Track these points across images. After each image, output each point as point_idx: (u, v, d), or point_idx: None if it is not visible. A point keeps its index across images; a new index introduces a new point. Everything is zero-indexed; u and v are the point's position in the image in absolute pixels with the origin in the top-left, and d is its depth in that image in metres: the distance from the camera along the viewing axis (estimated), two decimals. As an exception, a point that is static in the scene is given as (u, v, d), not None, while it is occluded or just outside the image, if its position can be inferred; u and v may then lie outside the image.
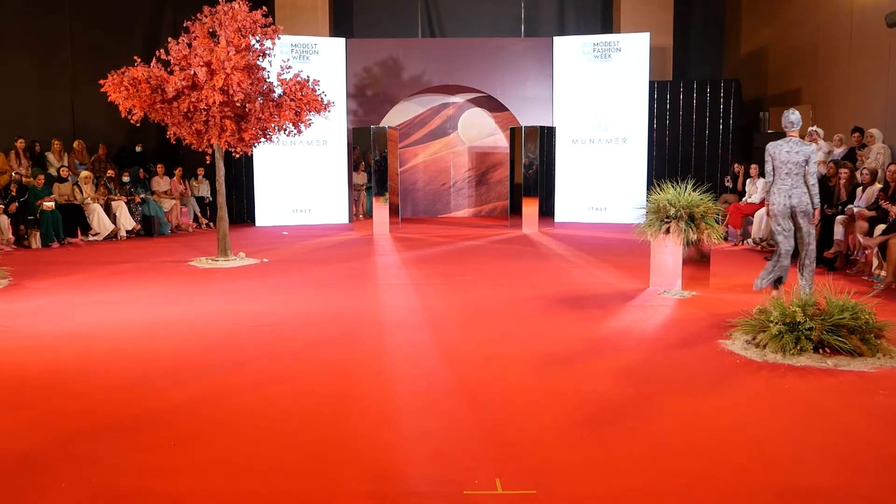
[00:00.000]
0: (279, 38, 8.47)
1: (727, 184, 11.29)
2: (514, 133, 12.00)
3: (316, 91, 8.57)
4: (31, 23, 12.25)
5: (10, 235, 9.66)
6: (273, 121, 8.32)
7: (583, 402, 3.78)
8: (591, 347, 4.86)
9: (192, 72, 7.79)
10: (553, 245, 9.94)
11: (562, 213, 12.65)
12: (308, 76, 8.65)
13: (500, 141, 13.80)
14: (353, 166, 12.78)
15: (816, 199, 5.78)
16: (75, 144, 11.83)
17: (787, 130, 5.90)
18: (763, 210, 9.42)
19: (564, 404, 3.75)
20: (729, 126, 12.80)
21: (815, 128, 10.10)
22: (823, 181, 8.78)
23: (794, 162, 5.75)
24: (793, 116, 5.88)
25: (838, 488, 2.80)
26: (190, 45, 7.96)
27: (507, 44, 13.12)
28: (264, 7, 8.50)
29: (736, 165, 10.95)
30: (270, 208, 12.53)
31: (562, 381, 4.15)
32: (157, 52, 8.00)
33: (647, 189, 9.32)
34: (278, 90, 8.53)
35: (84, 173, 10.83)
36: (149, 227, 11.18)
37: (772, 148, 5.88)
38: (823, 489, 2.80)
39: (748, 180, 10.30)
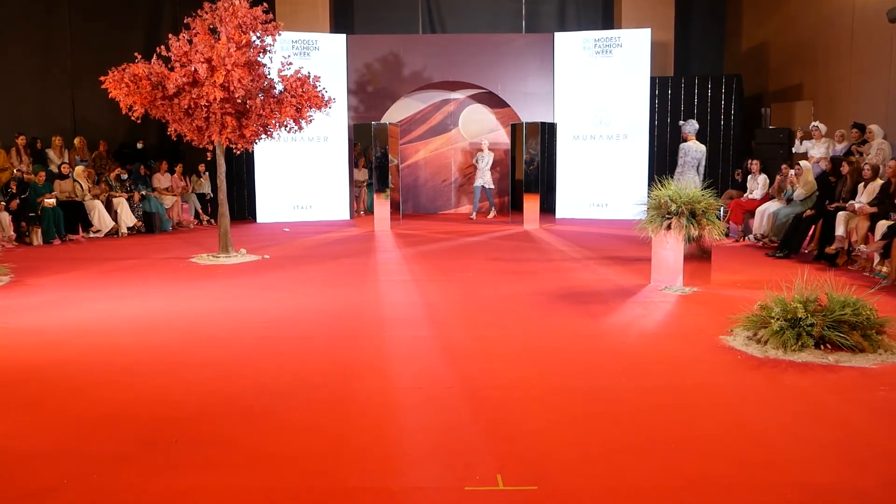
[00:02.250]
0: (280, 35, 8.46)
1: (737, 177, 11.24)
2: (515, 129, 11.98)
3: (317, 87, 8.56)
4: (30, 19, 12.25)
5: (12, 232, 9.68)
6: (274, 117, 8.31)
7: (584, 398, 3.79)
8: (592, 343, 4.86)
9: (193, 68, 7.78)
10: (554, 241, 9.94)
11: (563, 209, 12.64)
12: (309, 72, 8.64)
13: (501, 137, 13.78)
14: (353, 163, 12.77)
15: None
16: (76, 141, 11.83)
17: (689, 136, 7.89)
18: (765, 206, 9.42)
19: (565, 400, 3.75)
20: (730, 122, 12.77)
21: (816, 123, 10.07)
22: (824, 177, 8.77)
23: (697, 158, 7.78)
24: (696, 125, 7.98)
25: (839, 484, 2.80)
26: (190, 42, 7.95)
27: (507, 40, 13.10)
28: (265, 3, 8.49)
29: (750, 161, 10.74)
30: (271, 205, 12.52)
31: (563, 376, 4.15)
32: (157, 48, 7.99)
33: (649, 185, 9.30)
34: (279, 86, 8.52)
35: (78, 168, 10.78)
36: (150, 223, 11.17)
37: (686, 147, 7.82)
38: (824, 485, 2.80)
39: (749, 176, 10.27)
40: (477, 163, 12.90)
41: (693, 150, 7.76)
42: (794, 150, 10.53)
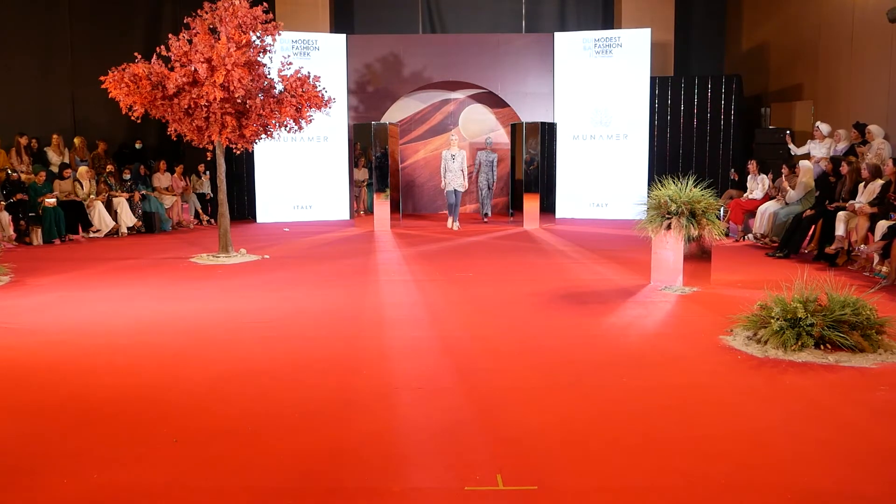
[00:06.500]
0: (280, 35, 8.46)
1: (733, 177, 11.22)
2: (515, 129, 11.99)
3: (317, 87, 8.56)
4: (31, 19, 12.25)
5: (12, 232, 9.67)
6: (274, 117, 8.32)
7: (584, 398, 3.79)
8: (592, 343, 4.86)
9: (193, 68, 7.78)
10: (554, 241, 9.94)
11: (563, 209, 12.64)
12: (309, 72, 8.64)
13: (501, 137, 13.78)
14: (353, 162, 12.78)
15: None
16: (76, 141, 11.83)
17: (489, 147, 12.36)
18: (765, 206, 9.42)
19: (566, 399, 3.75)
20: (730, 122, 12.78)
21: (819, 123, 10.07)
22: (824, 177, 8.77)
23: (490, 161, 12.16)
24: (492, 140, 12.32)
25: (839, 484, 2.80)
26: (190, 42, 7.95)
27: (507, 39, 13.09)
28: (265, 3, 8.49)
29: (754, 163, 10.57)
30: (271, 205, 12.53)
31: (563, 376, 4.15)
32: (157, 48, 7.99)
33: (648, 185, 9.31)
34: (279, 86, 8.53)
35: (82, 168, 10.78)
36: (150, 223, 11.17)
37: (484, 154, 12.15)
38: (824, 485, 2.80)
39: (749, 176, 10.26)
40: (445, 163, 11.37)
41: (486, 155, 12.16)
42: (791, 152, 10.52)
